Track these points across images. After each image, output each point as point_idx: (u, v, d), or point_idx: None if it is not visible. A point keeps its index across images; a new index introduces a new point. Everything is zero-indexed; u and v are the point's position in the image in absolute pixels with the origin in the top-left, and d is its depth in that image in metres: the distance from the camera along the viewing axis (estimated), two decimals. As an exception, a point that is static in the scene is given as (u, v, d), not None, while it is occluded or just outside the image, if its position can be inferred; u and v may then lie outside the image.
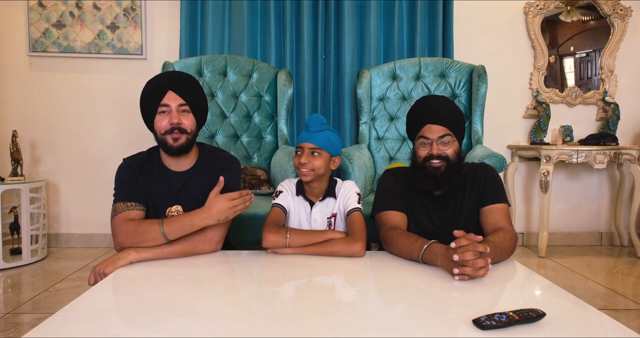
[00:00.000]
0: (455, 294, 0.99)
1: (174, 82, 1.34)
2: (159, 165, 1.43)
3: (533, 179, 3.24)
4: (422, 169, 1.39)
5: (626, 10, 3.12)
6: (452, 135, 1.38)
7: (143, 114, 1.39)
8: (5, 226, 2.67)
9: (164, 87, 1.33)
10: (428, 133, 1.38)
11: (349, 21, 2.92)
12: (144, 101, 1.37)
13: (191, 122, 1.37)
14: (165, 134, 1.34)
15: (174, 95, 1.33)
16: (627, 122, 3.20)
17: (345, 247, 1.27)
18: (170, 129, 1.33)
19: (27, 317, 1.89)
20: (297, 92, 2.94)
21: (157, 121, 1.35)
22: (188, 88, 1.37)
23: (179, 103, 1.34)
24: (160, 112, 1.34)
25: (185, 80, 1.38)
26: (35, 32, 2.94)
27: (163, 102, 1.33)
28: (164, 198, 1.40)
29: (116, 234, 1.29)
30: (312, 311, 0.88)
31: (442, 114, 1.38)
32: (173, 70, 2.49)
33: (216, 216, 1.25)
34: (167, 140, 1.34)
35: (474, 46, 3.10)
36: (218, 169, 1.41)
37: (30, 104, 3.01)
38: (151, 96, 1.34)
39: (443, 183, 1.38)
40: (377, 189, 1.53)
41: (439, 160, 1.37)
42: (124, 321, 0.82)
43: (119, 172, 1.41)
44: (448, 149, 1.38)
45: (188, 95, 1.36)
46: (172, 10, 3.00)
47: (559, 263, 2.76)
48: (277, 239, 1.29)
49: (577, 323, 0.84)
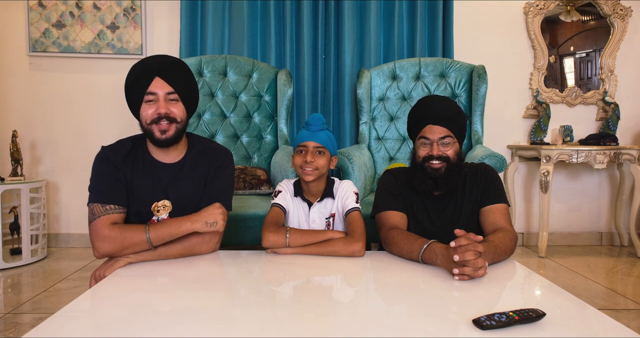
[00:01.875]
0: (455, 294, 0.99)
1: (161, 68, 1.23)
2: (145, 156, 1.32)
3: (533, 179, 3.24)
4: (421, 169, 1.39)
5: (626, 10, 3.12)
6: (453, 137, 1.38)
7: (128, 101, 1.28)
8: (5, 226, 2.67)
9: (150, 73, 1.22)
10: (429, 133, 1.38)
11: (349, 21, 2.92)
12: (128, 87, 1.26)
13: (181, 110, 1.26)
14: (151, 124, 1.24)
15: (161, 82, 1.22)
16: (627, 122, 3.20)
17: (345, 247, 1.27)
18: (157, 117, 1.23)
19: (27, 317, 1.89)
20: (297, 92, 2.94)
21: (142, 110, 1.25)
22: (177, 74, 1.26)
23: (166, 91, 1.23)
24: (146, 101, 1.23)
25: (174, 66, 1.26)
26: (35, 32, 2.94)
27: (149, 89, 1.22)
28: (151, 192, 1.30)
29: (97, 240, 1.19)
30: (312, 311, 0.88)
31: (443, 115, 1.37)
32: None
33: (204, 219, 1.20)
34: (153, 131, 1.24)
35: (474, 46, 3.10)
36: (214, 166, 1.35)
37: (30, 104, 3.01)
38: (136, 82, 1.23)
39: (442, 184, 1.37)
40: (377, 189, 1.53)
41: (439, 161, 1.36)
42: (123, 321, 0.82)
43: (97, 165, 1.28)
44: (448, 150, 1.37)
45: (177, 82, 1.24)
46: (172, 10, 3.00)
47: (559, 263, 2.76)
48: (276, 239, 1.29)
49: (577, 323, 0.84)
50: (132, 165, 1.30)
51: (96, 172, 1.28)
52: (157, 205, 1.31)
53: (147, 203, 1.31)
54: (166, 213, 1.32)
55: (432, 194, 1.44)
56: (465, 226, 1.31)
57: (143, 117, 1.25)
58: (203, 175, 1.34)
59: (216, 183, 1.35)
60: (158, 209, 1.31)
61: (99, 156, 1.30)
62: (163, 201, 1.31)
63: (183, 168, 1.34)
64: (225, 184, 1.37)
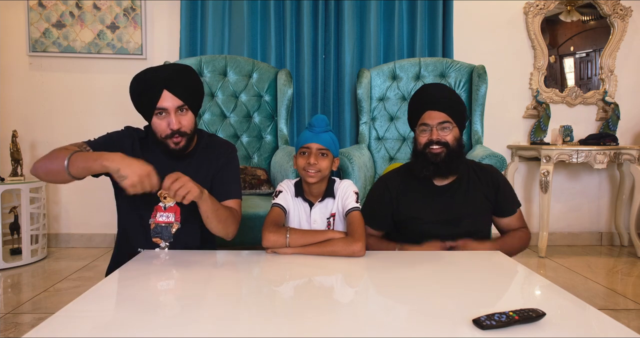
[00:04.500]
0: (455, 294, 0.99)
1: (169, 82, 1.23)
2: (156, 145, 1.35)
3: (533, 179, 3.24)
4: (422, 155, 1.41)
5: (626, 10, 3.12)
6: (452, 122, 1.40)
7: (137, 107, 1.30)
8: (5, 226, 2.67)
9: (158, 86, 1.23)
10: (428, 119, 1.40)
11: (349, 21, 2.92)
12: (136, 98, 1.28)
13: (190, 120, 1.30)
14: (165, 138, 1.28)
15: (169, 95, 1.23)
16: (627, 122, 3.20)
17: (345, 247, 1.27)
18: (171, 133, 1.27)
19: (27, 317, 1.89)
20: (297, 92, 2.94)
21: (155, 122, 1.28)
22: (185, 85, 1.27)
23: (176, 105, 1.25)
24: (157, 114, 1.26)
25: (181, 75, 1.27)
26: (35, 32, 2.94)
27: (159, 105, 1.23)
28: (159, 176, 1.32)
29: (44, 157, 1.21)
30: (312, 311, 0.88)
31: (441, 100, 1.40)
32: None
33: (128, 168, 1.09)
34: (168, 144, 1.29)
35: (474, 46, 3.10)
36: (223, 159, 1.41)
37: (30, 104, 3.01)
38: (144, 95, 1.25)
39: (443, 169, 1.40)
40: (366, 199, 1.56)
41: (438, 146, 1.39)
42: (124, 321, 0.82)
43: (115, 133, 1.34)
44: (447, 135, 1.40)
45: (185, 93, 1.26)
46: (172, 10, 3.00)
47: (559, 263, 2.76)
48: (277, 239, 1.29)
49: (577, 323, 0.84)
50: (144, 149, 1.35)
51: (110, 135, 1.35)
52: (162, 193, 1.33)
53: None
54: (173, 202, 1.35)
55: (434, 188, 1.45)
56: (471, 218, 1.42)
57: (156, 130, 1.29)
58: (211, 167, 1.39)
59: (226, 174, 1.41)
60: (165, 196, 1.33)
61: (121, 131, 1.37)
62: None
63: (192, 159, 1.39)
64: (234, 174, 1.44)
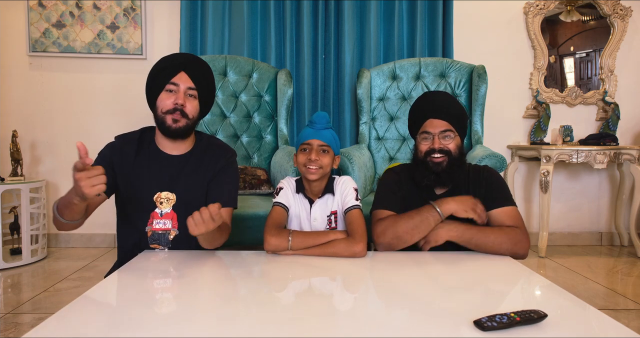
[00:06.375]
0: (456, 295, 0.99)
1: (188, 64, 1.31)
2: (152, 147, 1.36)
3: (533, 179, 3.24)
4: (423, 164, 1.38)
5: (626, 10, 3.12)
6: (454, 131, 1.38)
7: (148, 89, 1.33)
8: (5, 226, 2.67)
9: (177, 66, 1.29)
10: (430, 127, 1.38)
11: (349, 21, 2.92)
12: (152, 76, 1.32)
13: (195, 108, 1.32)
14: (166, 113, 1.29)
15: (185, 76, 1.29)
16: (627, 122, 3.20)
17: (347, 248, 1.27)
18: (173, 108, 1.28)
19: (27, 317, 1.89)
20: (297, 92, 2.94)
21: (160, 99, 1.30)
22: (201, 73, 1.33)
23: (188, 86, 1.30)
24: (166, 90, 1.29)
25: (200, 65, 1.34)
26: (35, 32, 2.94)
27: (173, 80, 1.29)
28: (154, 182, 1.33)
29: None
30: (313, 311, 0.88)
31: (444, 109, 1.38)
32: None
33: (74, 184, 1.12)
34: (166, 120, 1.29)
35: (474, 46, 3.10)
36: (222, 162, 1.38)
37: (30, 104, 3.01)
38: (162, 72, 1.30)
39: (444, 178, 1.37)
40: (377, 187, 1.51)
41: (440, 155, 1.36)
42: (123, 321, 0.82)
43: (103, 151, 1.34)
44: (450, 144, 1.37)
45: (199, 80, 1.32)
46: (172, 10, 3.00)
47: (559, 263, 2.76)
48: (279, 243, 1.28)
49: (577, 324, 0.84)
50: (139, 153, 1.34)
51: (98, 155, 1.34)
52: (160, 196, 1.33)
53: (150, 193, 1.33)
54: (169, 207, 1.34)
55: (434, 193, 1.43)
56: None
57: (159, 105, 1.30)
58: (208, 171, 1.37)
59: (223, 180, 1.38)
60: (161, 201, 1.33)
61: (110, 144, 1.37)
62: (167, 193, 1.33)
63: (189, 161, 1.37)
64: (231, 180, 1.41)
